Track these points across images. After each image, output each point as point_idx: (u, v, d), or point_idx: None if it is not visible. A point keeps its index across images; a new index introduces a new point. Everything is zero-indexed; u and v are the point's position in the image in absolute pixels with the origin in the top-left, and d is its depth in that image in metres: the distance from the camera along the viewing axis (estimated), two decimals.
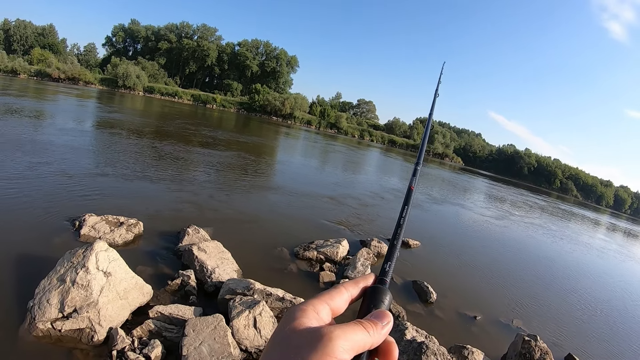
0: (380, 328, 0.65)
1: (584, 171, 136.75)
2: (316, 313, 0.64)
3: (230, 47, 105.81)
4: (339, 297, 0.70)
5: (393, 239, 0.85)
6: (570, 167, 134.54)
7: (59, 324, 5.02)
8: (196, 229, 9.12)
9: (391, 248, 0.82)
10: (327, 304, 0.67)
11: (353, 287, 0.73)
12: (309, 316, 0.63)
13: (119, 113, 34.74)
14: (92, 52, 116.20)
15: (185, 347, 4.95)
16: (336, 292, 0.70)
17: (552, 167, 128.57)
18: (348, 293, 0.71)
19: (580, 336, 10.15)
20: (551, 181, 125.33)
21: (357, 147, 68.31)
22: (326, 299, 0.68)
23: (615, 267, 23.22)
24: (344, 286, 0.72)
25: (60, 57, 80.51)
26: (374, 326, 0.65)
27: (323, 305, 0.66)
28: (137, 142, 20.25)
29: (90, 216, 8.49)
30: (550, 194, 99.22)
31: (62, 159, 13.60)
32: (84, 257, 5.53)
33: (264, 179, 19.57)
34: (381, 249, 11.54)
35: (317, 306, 0.65)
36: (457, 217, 22.77)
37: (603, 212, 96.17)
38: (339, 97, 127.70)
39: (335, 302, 0.69)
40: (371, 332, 0.63)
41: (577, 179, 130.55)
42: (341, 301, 0.70)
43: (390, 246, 0.83)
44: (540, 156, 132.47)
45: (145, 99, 67.57)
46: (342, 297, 0.70)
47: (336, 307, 0.69)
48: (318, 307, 0.65)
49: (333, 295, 0.69)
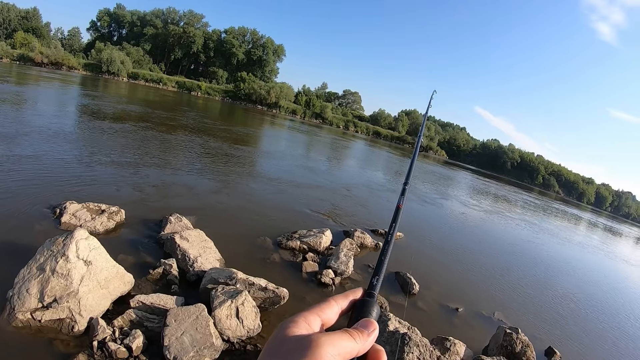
0: (366, 336, 0.68)
1: (566, 168, 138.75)
2: (307, 324, 0.66)
3: (216, 34, 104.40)
4: (330, 310, 0.72)
5: (381, 255, 0.88)
6: (553, 163, 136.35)
7: (38, 314, 4.96)
8: (179, 217, 9.06)
9: (379, 263, 0.85)
10: (318, 316, 0.69)
11: (343, 299, 0.76)
12: (300, 326, 0.65)
13: (102, 99, 34.09)
14: (76, 37, 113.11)
15: (166, 337, 4.94)
16: (326, 304, 0.73)
17: (535, 163, 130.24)
18: (338, 305, 0.74)
19: (561, 329, 10.41)
20: (534, 177, 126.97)
21: (342, 138, 68.38)
22: (317, 311, 0.70)
23: (594, 261, 23.83)
24: (334, 299, 0.75)
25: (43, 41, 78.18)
26: (360, 334, 0.67)
27: (314, 317, 0.68)
28: (120, 129, 19.94)
29: (71, 203, 8.36)
30: (532, 189, 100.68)
31: (43, 146, 13.33)
32: (64, 245, 5.45)
33: (247, 168, 19.50)
34: (364, 239, 11.59)
35: (308, 317, 0.67)
36: (440, 210, 23.01)
37: (584, 209, 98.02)
38: (324, 87, 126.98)
39: (326, 314, 0.71)
40: (358, 340, 0.66)
41: (559, 176, 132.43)
42: (331, 313, 0.72)
43: (379, 262, 0.86)
44: (524, 152, 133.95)
45: (129, 85, 66.42)
46: (333, 309, 0.73)
47: (327, 318, 0.71)
48: (309, 319, 0.67)
49: (324, 308, 0.72)
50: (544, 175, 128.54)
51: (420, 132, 1.69)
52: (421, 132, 1.69)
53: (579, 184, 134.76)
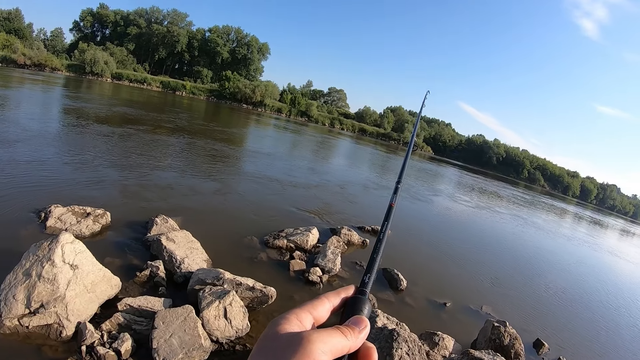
0: (357, 332, 0.69)
1: (551, 162, 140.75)
2: (299, 321, 0.67)
3: (200, 33, 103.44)
4: (321, 307, 0.74)
5: (373, 253, 0.89)
6: (538, 157, 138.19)
7: (26, 320, 4.94)
8: (164, 219, 9.04)
9: (371, 261, 0.87)
10: (310, 313, 0.71)
11: (334, 297, 0.77)
12: (292, 323, 0.66)
13: (86, 100, 33.65)
14: (59, 38, 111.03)
15: (155, 339, 4.95)
16: (318, 302, 0.74)
17: (520, 158, 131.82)
18: (330, 303, 0.75)
19: (548, 321, 10.60)
20: (519, 171, 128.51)
21: (328, 136, 68.37)
22: (309, 308, 0.71)
23: (580, 253, 24.25)
24: (326, 296, 0.76)
25: (26, 42, 76.67)
26: (351, 331, 0.68)
27: (306, 314, 0.70)
28: (103, 131, 19.73)
29: (56, 207, 8.29)
30: (518, 183, 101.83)
31: (26, 149, 13.14)
32: (49, 249, 5.42)
33: (233, 168, 19.47)
34: (351, 237, 11.66)
35: (300, 315, 0.68)
36: (427, 206, 23.19)
37: (569, 202, 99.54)
38: (309, 85, 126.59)
39: (318, 311, 0.72)
40: (349, 337, 0.67)
41: (544, 170, 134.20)
42: (323, 310, 0.73)
43: (371, 259, 0.87)
44: (509, 147, 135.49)
45: (113, 86, 65.54)
46: (324, 306, 0.74)
47: (318, 316, 0.72)
48: (301, 316, 0.68)
49: (315, 305, 0.73)
50: (529, 170, 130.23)
51: (413, 132, 1.71)
52: (414, 133, 1.72)
53: (564, 178, 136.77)
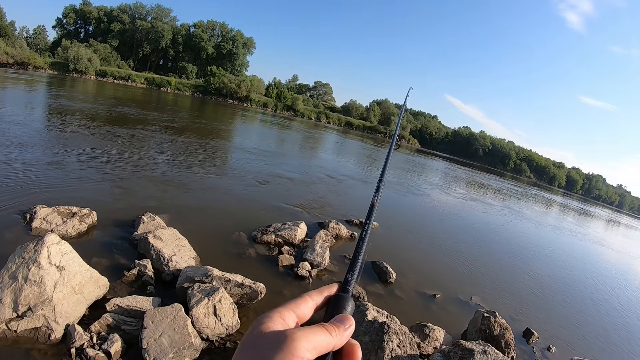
0: (342, 330, 0.70)
1: (537, 153, 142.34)
2: (282, 319, 0.68)
3: (185, 28, 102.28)
4: (305, 305, 0.75)
5: (356, 251, 0.90)
6: (524, 149, 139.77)
7: (14, 324, 4.90)
8: (151, 217, 9.00)
9: (354, 259, 0.88)
10: (293, 311, 0.72)
11: (317, 295, 0.78)
12: (275, 322, 0.66)
13: (69, 98, 33.08)
14: (41, 35, 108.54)
15: (145, 339, 4.95)
16: (301, 300, 0.75)
17: (506, 149, 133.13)
18: (313, 301, 0.76)
19: (537, 310, 10.78)
20: (505, 162, 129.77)
21: (314, 130, 68.31)
22: (292, 306, 0.72)
23: (567, 243, 24.68)
24: (309, 295, 0.77)
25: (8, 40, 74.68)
26: (336, 329, 0.69)
27: (289, 312, 0.71)
28: (88, 129, 19.47)
29: (41, 208, 8.21)
30: (504, 174, 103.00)
31: (9, 149, 12.93)
32: (35, 251, 5.37)
33: (219, 163, 19.42)
34: (339, 230, 11.70)
35: (283, 313, 0.69)
36: (414, 198, 23.36)
37: (556, 193, 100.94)
38: (295, 79, 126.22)
39: (301, 309, 0.73)
40: (333, 334, 0.68)
41: (530, 161, 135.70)
42: (306, 309, 0.74)
43: (353, 258, 0.89)
44: (495, 138, 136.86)
45: (97, 83, 64.59)
46: (307, 305, 0.75)
47: (302, 314, 0.73)
48: (284, 314, 0.69)
49: (299, 303, 0.74)
50: (515, 161, 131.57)
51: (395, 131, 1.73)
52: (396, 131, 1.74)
53: (550, 169, 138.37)
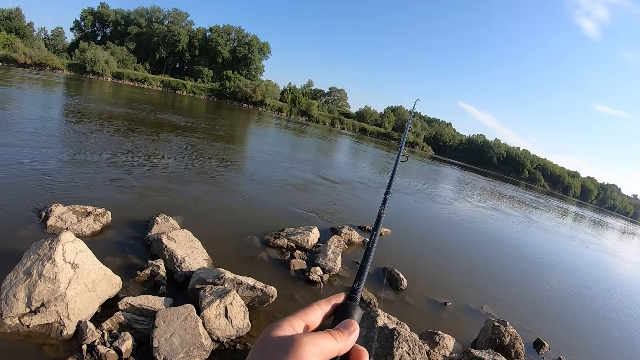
0: (347, 335, 0.72)
1: (552, 162, 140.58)
2: (291, 327, 0.70)
3: (201, 32, 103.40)
4: (313, 314, 0.76)
5: (363, 261, 0.92)
6: (539, 157, 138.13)
7: (27, 319, 4.94)
8: (165, 218, 9.04)
9: (361, 269, 0.90)
10: (303, 320, 0.73)
11: (325, 304, 0.80)
12: (285, 329, 0.69)
13: (86, 100, 33.61)
14: (59, 37, 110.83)
15: (156, 338, 4.96)
16: (310, 309, 0.77)
17: (520, 157, 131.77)
18: (321, 310, 0.78)
19: (549, 321, 10.59)
20: (520, 171, 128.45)
21: (329, 135, 68.34)
22: (301, 315, 0.74)
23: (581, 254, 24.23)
24: (317, 304, 0.79)
25: (27, 41, 76.45)
26: (341, 334, 0.71)
27: (298, 321, 0.72)
28: (105, 130, 19.74)
29: (56, 206, 8.29)
30: (518, 183, 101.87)
31: (27, 148, 13.15)
32: (50, 248, 5.42)
33: (234, 167, 19.46)
34: (352, 236, 11.66)
35: (292, 321, 0.71)
36: (427, 205, 23.17)
37: (570, 202, 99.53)
38: (310, 84, 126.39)
39: (310, 317, 0.75)
40: (339, 339, 0.69)
41: (545, 170, 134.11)
42: (315, 317, 0.76)
43: (361, 267, 0.91)
44: (510, 146, 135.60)
45: (113, 85, 65.57)
46: (316, 313, 0.77)
47: (311, 322, 0.75)
48: (294, 322, 0.71)
49: (308, 312, 0.76)
50: (529, 170, 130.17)
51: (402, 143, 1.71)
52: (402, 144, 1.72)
53: (565, 178, 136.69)
